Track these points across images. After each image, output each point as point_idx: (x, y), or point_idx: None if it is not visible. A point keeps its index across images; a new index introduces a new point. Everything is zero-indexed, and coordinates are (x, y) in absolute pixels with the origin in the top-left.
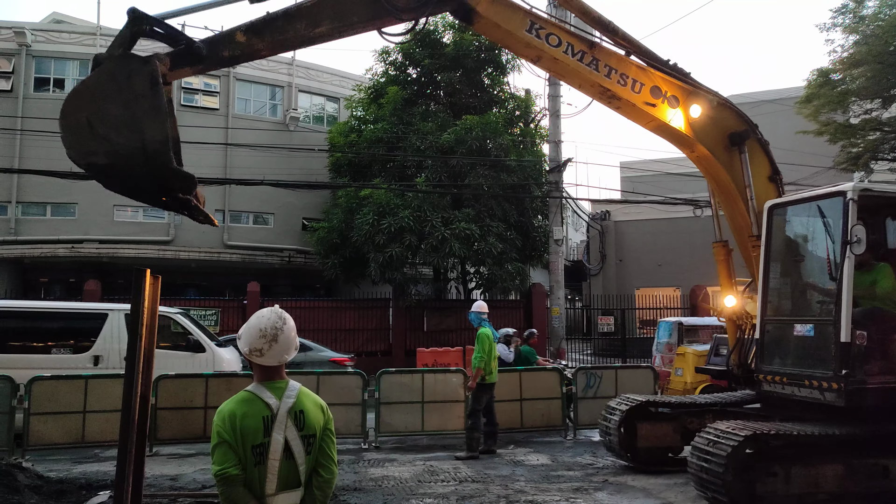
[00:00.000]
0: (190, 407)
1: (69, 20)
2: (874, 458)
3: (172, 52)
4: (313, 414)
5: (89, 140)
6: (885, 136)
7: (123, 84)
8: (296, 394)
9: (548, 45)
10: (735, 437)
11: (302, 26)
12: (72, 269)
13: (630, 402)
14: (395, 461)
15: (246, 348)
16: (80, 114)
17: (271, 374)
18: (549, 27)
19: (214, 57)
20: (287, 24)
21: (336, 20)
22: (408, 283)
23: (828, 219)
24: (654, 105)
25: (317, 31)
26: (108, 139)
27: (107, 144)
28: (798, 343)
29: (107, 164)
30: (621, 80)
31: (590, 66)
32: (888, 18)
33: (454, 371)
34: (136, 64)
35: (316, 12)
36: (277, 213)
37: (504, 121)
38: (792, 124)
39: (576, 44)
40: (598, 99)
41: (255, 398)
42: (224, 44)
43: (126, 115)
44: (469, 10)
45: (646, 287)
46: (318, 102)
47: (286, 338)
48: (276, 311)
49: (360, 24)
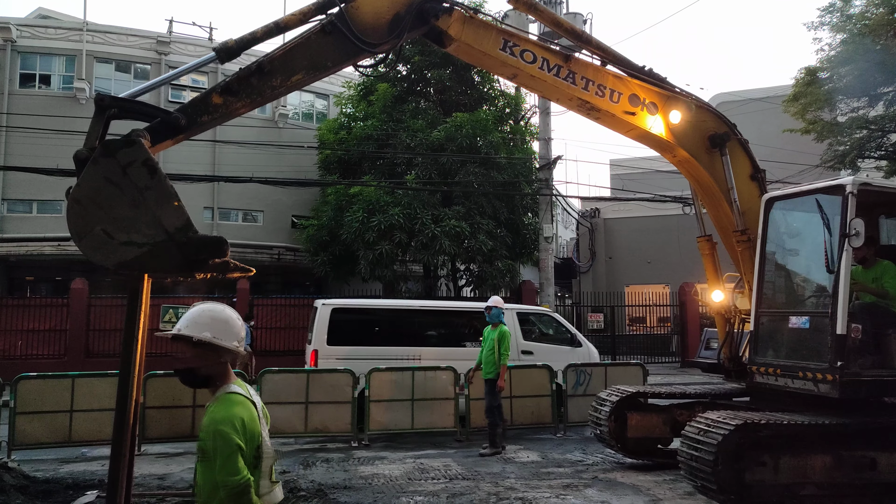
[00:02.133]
0: (178, 406)
1: (55, 16)
2: (862, 450)
3: (149, 126)
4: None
5: (114, 250)
6: (871, 134)
7: (123, 183)
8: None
9: (523, 63)
10: (725, 427)
11: (277, 81)
12: (58, 267)
13: (620, 392)
14: (385, 459)
15: (235, 342)
16: (94, 229)
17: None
18: (523, 43)
19: (194, 124)
20: (262, 81)
21: (311, 68)
22: (398, 280)
23: (826, 212)
24: (634, 113)
25: (292, 82)
26: (131, 242)
27: (133, 248)
28: (793, 335)
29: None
30: (599, 90)
31: (567, 79)
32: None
33: (444, 369)
34: (125, 156)
35: (289, 63)
36: (267, 210)
37: (494, 118)
38: (779, 122)
39: (551, 58)
40: (578, 111)
41: (246, 399)
42: (201, 109)
43: (139, 214)
44: (440, 34)
45: (635, 284)
46: (307, 99)
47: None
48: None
49: (334, 67)
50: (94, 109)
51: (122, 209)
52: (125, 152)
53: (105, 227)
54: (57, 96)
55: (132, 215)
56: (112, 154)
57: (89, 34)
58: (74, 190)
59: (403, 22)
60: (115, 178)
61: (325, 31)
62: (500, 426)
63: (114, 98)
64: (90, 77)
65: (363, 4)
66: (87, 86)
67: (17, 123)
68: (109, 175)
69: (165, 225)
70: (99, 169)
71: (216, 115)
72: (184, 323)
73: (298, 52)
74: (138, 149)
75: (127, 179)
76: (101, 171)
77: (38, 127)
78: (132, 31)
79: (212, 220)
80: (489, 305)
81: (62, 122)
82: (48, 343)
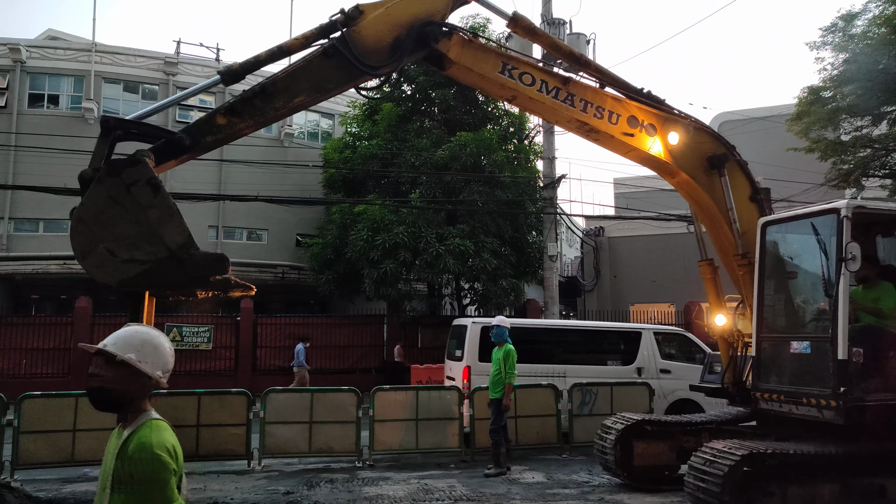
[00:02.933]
0: (182, 425)
1: (64, 37)
2: (871, 476)
3: (154, 147)
4: None
5: (116, 268)
6: (875, 153)
7: (126, 202)
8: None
9: (522, 85)
10: (732, 457)
11: (280, 103)
12: (63, 285)
13: (626, 420)
14: (389, 479)
15: (159, 371)
16: (98, 246)
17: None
18: (522, 66)
19: (198, 144)
20: (265, 102)
21: (313, 90)
22: (402, 299)
23: (822, 236)
24: (632, 135)
25: (295, 103)
26: (134, 260)
27: (136, 265)
28: (795, 360)
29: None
30: (597, 112)
31: (565, 101)
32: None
33: (449, 388)
34: (129, 175)
35: (292, 86)
36: (271, 228)
37: (498, 137)
38: (783, 141)
39: (550, 80)
40: (577, 133)
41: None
42: (206, 129)
43: (142, 231)
44: (440, 57)
45: (640, 303)
46: (313, 119)
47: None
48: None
49: (336, 89)
50: (100, 131)
51: (126, 227)
52: (129, 171)
53: (108, 245)
54: (65, 116)
55: (135, 233)
56: (117, 173)
57: (98, 55)
58: (78, 209)
59: (404, 45)
60: (118, 196)
61: (328, 55)
62: (503, 446)
63: (119, 120)
64: (98, 97)
65: (364, 28)
66: (96, 106)
67: (25, 143)
68: (113, 194)
69: (167, 242)
70: (103, 188)
71: (220, 136)
72: (112, 340)
73: (301, 74)
74: (142, 168)
75: (130, 198)
76: (105, 190)
77: (46, 146)
78: (140, 51)
79: (216, 238)
80: (492, 325)
81: (70, 142)
82: (52, 362)
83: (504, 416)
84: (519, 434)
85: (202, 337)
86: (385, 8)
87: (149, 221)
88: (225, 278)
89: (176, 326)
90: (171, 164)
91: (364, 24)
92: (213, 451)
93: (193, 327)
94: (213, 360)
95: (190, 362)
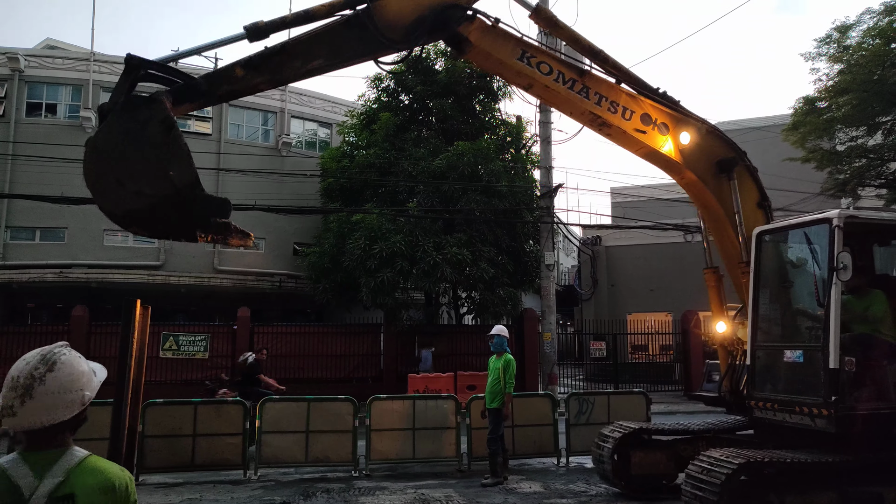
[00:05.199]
0: (178, 435)
1: (63, 46)
2: (868, 485)
3: (172, 89)
4: (90, 499)
5: (124, 198)
6: (870, 162)
7: (140, 136)
8: (66, 470)
9: (539, 73)
10: (728, 465)
11: (298, 63)
12: (60, 294)
13: (623, 429)
14: (385, 489)
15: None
16: (108, 176)
17: (38, 442)
18: (540, 55)
19: (214, 92)
20: (284, 60)
21: (332, 56)
22: (399, 307)
23: (815, 245)
24: (645, 132)
25: (312, 66)
26: (141, 193)
27: (142, 198)
28: (788, 369)
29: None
30: (612, 107)
31: (580, 93)
32: (872, 48)
33: (446, 397)
34: (144, 113)
35: (312, 48)
36: (269, 237)
37: (496, 147)
38: (779, 151)
39: (566, 72)
40: (590, 126)
41: (2, 476)
42: (223, 79)
43: (151, 167)
44: (462, 40)
45: (638, 312)
46: (310, 128)
47: (47, 391)
48: (45, 351)
49: (355, 58)
50: (124, 68)
51: (136, 161)
52: (146, 109)
53: (118, 175)
54: (63, 125)
55: (145, 168)
56: (134, 109)
57: (96, 64)
58: (93, 138)
59: (426, 23)
60: (133, 131)
61: (351, 24)
62: (500, 455)
63: (142, 60)
64: (96, 106)
65: (389, 3)
66: (94, 115)
67: (22, 152)
68: (128, 128)
69: (175, 180)
70: (119, 121)
71: (236, 87)
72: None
73: (323, 39)
74: (159, 107)
75: (144, 134)
76: (121, 124)
77: (44, 155)
78: None
79: (213, 247)
80: (492, 334)
81: (67, 151)
82: None
83: (502, 426)
84: (516, 444)
85: (199, 346)
86: None
87: (159, 158)
88: (225, 222)
89: (172, 335)
90: (187, 108)
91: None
92: (209, 461)
93: (190, 336)
94: (209, 369)
95: (186, 371)
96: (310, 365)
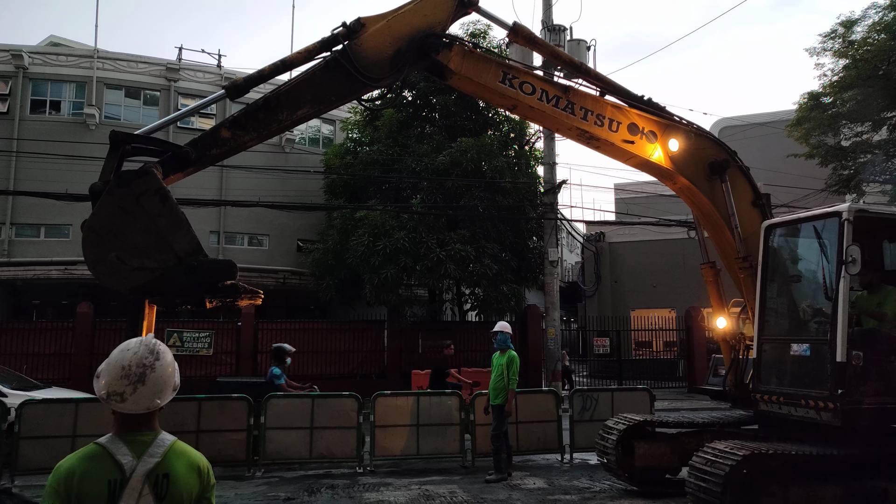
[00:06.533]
0: (181, 431)
1: (66, 43)
2: (873, 479)
3: (162, 160)
4: (184, 479)
5: (127, 275)
6: (875, 158)
7: (136, 212)
8: (163, 451)
9: (522, 94)
10: (733, 457)
11: (283, 115)
12: (64, 291)
13: (627, 421)
14: (390, 485)
15: (103, 391)
16: (108, 255)
17: (135, 424)
18: (522, 76)
19: (203, 157)
20: (269, 115)
21: (315, 103)
22: (403, 304)
23: (823, 239)
24: (633, 142)
25: (298, 115)
26: (143, 268)
27: (146, 273)
28: (795, 363)
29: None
30: (598, 120)
31: (566, 109)
32: (877, 43)
33: (449, 393)
34: (138, 186)
35: (295, 98)
36: (272, 234)
37: (499, 143)
38: (784, 147)
39: (550, 89)
40: (578, 140)
41: (104, 454)
42: (211, 143)
43: (151, 240)
44: (442, 67)
45: (641, 308)
46: (314, 125)
47: (158, 377)
48: (147, 342)
49: (339, 100)
50: (109, 146)
51: (136, 236)
52: (138, 182)
53: (119, 253)
54: (67, 122)
55: (145, 242)
56: (126, 184)
57: (100, 61)
58: (90, 219)
59: (405, 57)
60: (128, 206)
61: (330, 67)
62: (504, 452)
63: (127, 135)
64: (100, 103)
65: (366, 41)
66: (97, 112)
67: (27, 149)
68: (124, 204)
69: (176, 250)
70: (114, 199)
71: (225, 149)
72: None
73: (304, 87)
74: (151, 178)
75: (140, 208)
76: (115, 201)
77: (48, 152)
78: (142, 58)
79: (218, 244)
80: (495, 331)
81: (71, 148)
82: (53, 367)
83: (505, 422)
84: (520, 440)
85: (203, 342)
86: (386, 21)
87: (158, 230)
88: (233, 284)
89: (177, 332)
90: (178, 177)
91: (365, 36)
92: (214, 457)
93: (194, 333)
94: (213, 365)
95: (191, 368)
96: (314, 361)
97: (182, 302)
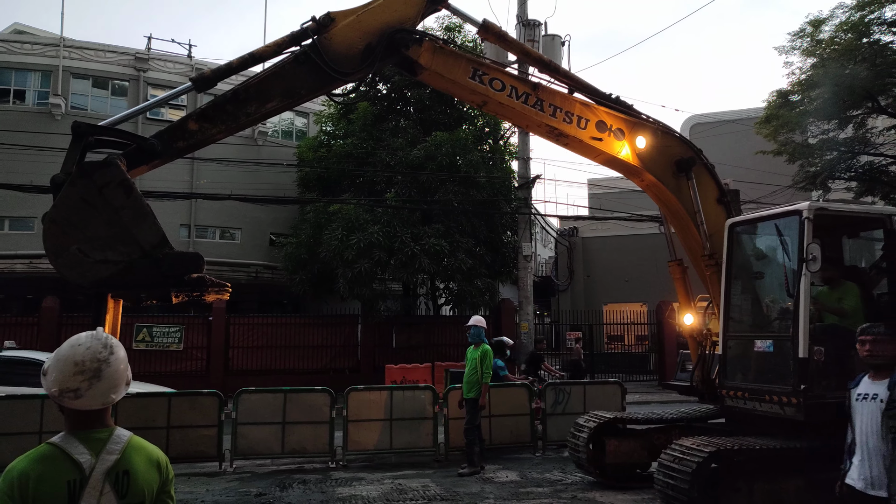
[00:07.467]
0: (151, 427)
1: (31, 31)
2: (835, 471)
3: (126, 151)
4: (144, 475)
5: (89, 268)
6: (841, 155)
7: (99, 203)
8: (121, 448)
9: (492, 91)
10: (700, 454)
11: (252, 108)
12: (29, 285)
13: (598, 418)
14: (363, 480)
15: (55, 388)
16: (69, 247)
17: (90, 422)
18: (492, 72)
19: (170, 149)
20: (238, 108)
21: (285, 96)
22: (377, 298)
23: (785, 237)
24: (601, 139)
25: (268, 108)
26: (106, 261)
27: (109, 266)
28: (758, 359)
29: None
30: (567, 117)
31: (535, 106)
32: (844, 42)
33: (423, 388)
34: (101, 177)
35: (264, 91)
36: (245, 228)
37: (474, 137)
38: (752, 144)
39: (519, 86)
40: (547, 137)
41: (60, 454)
42: (178, 134)
43: (115, 232)
44: (412, 63)
45: (613, 303)
46: (287, 117)
47: (113, 372)
48: (98, 336)
49: (308, 95)
50: (72, 137)
51: (98, 228)
52: (102, 174)
53: (81, 246)
54: (32, 112)
55: (108, 234)
56: (89, 175)
57: (66, 50)
58: (51, 211)
59: (375, 52)
60: (91, 198)
61: (299, 61)
62: (477, 445)
63: (90, 126)
64: (66, 93)
65: (336, 35)
66: (63, 101)
67: None
68: (86, 196)
69: (141, 242)
70: (76, 190)
71: (192, 141)
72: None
73: (273, 80)
74: (114, 170)
75: (103, 199)
76: (77, 192)
77: (12, 143)
78: (110, 47)
79: (188, 237)
80: (469, 325)
81: (37, 139)
82: None
83: (478, 416)
84: (493, 433)
85: (173, 337)
86: (356, 15)
87: (122, 222)
88: (200, 277)
89: (146, 327)
90: (143, 170)
91: (335, 31)
92: (184, 453)
93: (164, 327)
94: (184, 360)
95: (160, 363)
96: (286, 356)
97: (147, 296)
